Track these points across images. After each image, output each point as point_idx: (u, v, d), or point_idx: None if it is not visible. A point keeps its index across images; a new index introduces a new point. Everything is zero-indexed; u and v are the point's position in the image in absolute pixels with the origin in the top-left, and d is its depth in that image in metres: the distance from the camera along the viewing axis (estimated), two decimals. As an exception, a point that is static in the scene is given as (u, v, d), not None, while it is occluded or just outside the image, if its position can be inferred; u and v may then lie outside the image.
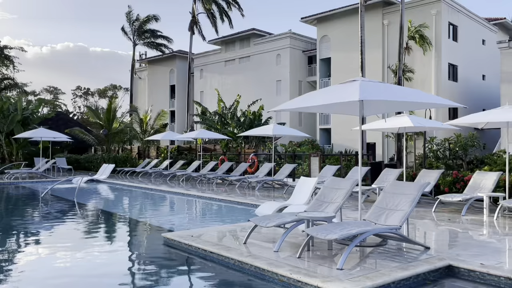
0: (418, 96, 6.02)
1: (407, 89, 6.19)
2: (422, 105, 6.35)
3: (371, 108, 7.15)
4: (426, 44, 26.46)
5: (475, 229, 7.64)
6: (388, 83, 6.20)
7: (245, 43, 40.33)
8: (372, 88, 5.54)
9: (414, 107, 6.65)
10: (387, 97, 5.48)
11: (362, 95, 5.09)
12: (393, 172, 12.19)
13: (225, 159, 20.09)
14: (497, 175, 10.04)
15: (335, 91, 5.82)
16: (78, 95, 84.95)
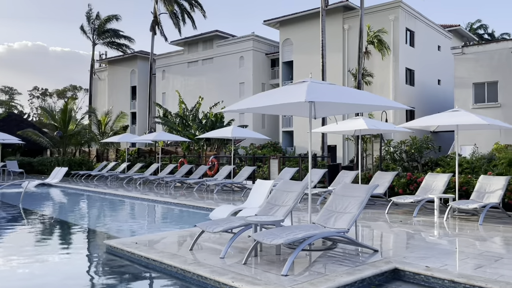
0: (366, 98, 5.99)
1: (356, 91, 6.15)
2: (371, 107, 6.33)
3: (323, 110, 7.08)
4: (385, 48, 27.07)
5: (425, 230, 7.73)
6: (338, 85, 6.14)
7: (208, 45, 39.98)
8: (320, 90, 5.45)
9: (364, 109, 6.63)
10: (334, 99, 5.40)
11: (309, 96, 4.98)
12: (349, 174, 12.26)
13: (184, 161, 19.70)
14: (447, 177, 10.27)
15: (284, 92, 5.69)
16: (35, 96, 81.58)
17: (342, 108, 6.86)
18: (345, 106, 6.72)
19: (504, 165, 14.67)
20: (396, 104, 6.04)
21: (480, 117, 9.02)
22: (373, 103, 5.80)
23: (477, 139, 23.02)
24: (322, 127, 11.90)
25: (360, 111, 6.69)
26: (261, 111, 6.79)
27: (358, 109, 6.73)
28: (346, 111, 6.94)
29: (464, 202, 8.80)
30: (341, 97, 5.65)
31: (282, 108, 6.76)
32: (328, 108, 7.01)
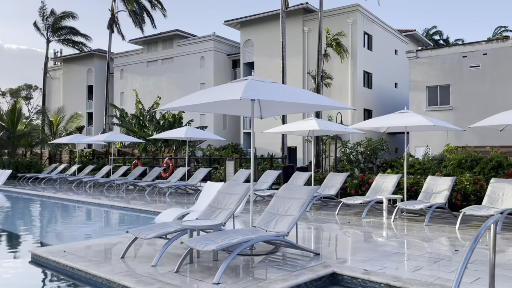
0: (308, 98, 5.82)
1: (298, 91, 5.98)
2: (315, 106, 6.18)
3: (268, 110, 6.88)
4: (343, 51, 27.46)
5: (372, 232, 7.68)
6: (280, 84, 5.94)
7: (168, 44, 39.22)
8: (259, 88, 5.23)
9: (308, 109, 6.49)
10: (272, 97, 5.20)
11: (245, 93, 4.74)
12: (302, 176, 12.17)
13: (138, 163, 19.08)
14: (397, 178, 10.35)
15: (223, 90, 5.43)
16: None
17: (288, 108, 6.69)
18: (290, 105, 6.55)
19: (453, 166, 15.07)
20: (338, 104, 5.92)
21: (427, 118, 9.12)
22: (315, 103, 5.64)
23: (430, 140, 23.68)
24: (274, 128, 11.76)
25: (305, 110, 6.53)
26: (203, 109, 6.50)
27: (303, 109, 6.58)
28: (292, 111, 6.77)
29: (411, 203, 8.86)
30: (281, 95, 5.45)
31: (226, 107, 6.51)
32: (274, 108, 6.82)
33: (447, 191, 9.26)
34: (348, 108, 5.86)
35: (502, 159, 13.16)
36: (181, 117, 27.20)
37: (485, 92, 22.91)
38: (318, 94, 6.09)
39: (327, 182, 11.46)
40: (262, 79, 5.77)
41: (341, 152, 21.07)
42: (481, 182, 10.26)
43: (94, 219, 11.06)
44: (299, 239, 6.69)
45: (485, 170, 13.98)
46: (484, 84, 23.08)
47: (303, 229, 7.86)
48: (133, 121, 26.28)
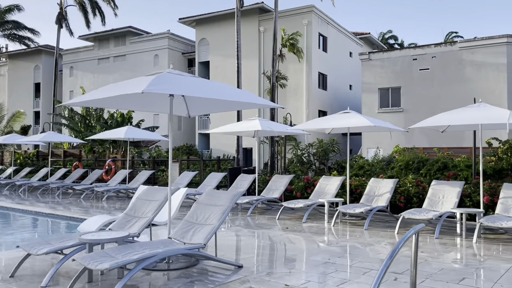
0: (228, 94, 5.30)
1: (223, 87, 5.45)
2: (241, 104, 5.67)
3: (196, 108, 6.32)
4: (298, 52, 27.31)
5: (308, 238, 7.27)
6: (202, 78, 5.39)
7: (121, 41, 37.80)
8: (172, 82, 4.66)
9: (237, 107, 5.98)
10: (186, 92, 4.63)
11: (150, 87, 4.16)
12: (247, 178, 11.69)
13: (79, 165, 17.96)
14: (340, 180, 10.06)
15: (132, 84, 4.81)
16: None
17: (216, 105, 6.15)
18: (217, 103, 6.02)
19: (400, 167, 15.06)
20: (265, 102, 5.44)
21: (367, 118, 8.85)
22: (238, 100, 5.13)
23: (382, 142, 23.93)
24: (218, 128, 11.20)
25: (233, 109, 6.02)
26: (119, 105, 5.84)
27: (231, 107, 6.07)
28: (221, 109, 6.24)
29: (352, 207, 8.56)
30: (197, 90, 4.90)
31: (142, 103, 5.88)
32: (201, 105, 6.26)
33: (389, 193, 9.05)
34: (276, 106, 5.41)
35: (447, 160, 13.23)
36: (131, 117, 26.14)
37: (434, 95, 23.39)
38: (245, 91, 5.59)
39: (272, 185, 11.03)
40: (181, 73, 5.20)
41: (292, 153, 20.82)
42: (424, 184, 10.14)
43: (9, 228, 10.02)
44: (227, 248, 6.17)
45: (431, 171, 14.04)
46: (433, 87, 23.57)
47: (235, 236, 7.35)
48: (79, 120, 24.96)
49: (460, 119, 7.62)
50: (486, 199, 8.88)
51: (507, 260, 5.70)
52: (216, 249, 5.22)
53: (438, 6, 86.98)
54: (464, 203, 9.28)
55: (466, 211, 7.41)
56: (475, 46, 22.50)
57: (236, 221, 9.01)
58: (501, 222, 6.77)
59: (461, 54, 22.89)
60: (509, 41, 21.75)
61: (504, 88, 21.80)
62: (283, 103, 29.41)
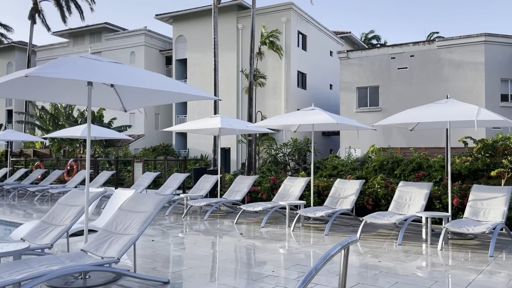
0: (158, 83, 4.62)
1: (149, 75, 4.77)
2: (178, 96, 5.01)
3: (131, 101, 5.63)
4: (278, 49, 26.73)
5: (261, 245, 6.64)
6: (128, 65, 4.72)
7: (96, 38, 36.73)
8: (77, 66, 3.97)
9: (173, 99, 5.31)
10: (94, 78, 3.95)
11: (37, 71, 3.46)
12: (210, 179, 11.02)
13: (41, 165, 17.04)
14: (305, 181, 9.46)
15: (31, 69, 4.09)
16: None
17: (152, 97, 5.47)
18: (154, 95, 5.35)
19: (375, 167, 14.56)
20: (203, 93, 4.79)
21: (331, 115, 8.26)
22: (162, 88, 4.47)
23: (361, 142, 23.49)
24: (178, 126, 10.49)
25: (171, 101, 5.35)
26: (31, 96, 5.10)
27: (168, 99, 5.39)
28: (158, 101, 5.56)
29: (313, 210, 7.95)
30: (116, 78, 4.22)
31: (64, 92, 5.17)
32: (136, 98, 5.58)
33: (355, 195, 8.48)
34: (213, 99, 4.77)
35: (422, 160, 12.76)
36: (102, 115, 25.25)
37: (412, 94, 23.04)
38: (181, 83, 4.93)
39: (235, 186, 10.37)
40: (99, 58, 4.52)
41: (266, 153, 20.25)
42: (393, 185, 9.61)
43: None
44: (165, 259, 5.50)
45: (405, 172, 13.58)
46: (411, 86, 23.22)
47: (180, 243, 6.68)
48: (48, 119, 23.98)
49: (427, 116, 7.08)
50: (456, 201, 8.38)
51: (473, 270, 5.15)
52: (134, 261, 4.53)
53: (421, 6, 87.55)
54: (434, 206, 8.78)
55: (431, 215, 6.87)
56: (453, 45, 22.21)
57: (194, 226, 8.34)
58: (468, 227, 6.23)
59: (439, 53, 22.59)
60: (487, 40, 21.51)
61: (482, 87, 21.56)
62: (262, 102, 28.81)
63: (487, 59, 21.50)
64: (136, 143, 33.15)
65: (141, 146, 32.70)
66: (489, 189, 7.33)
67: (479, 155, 11.61)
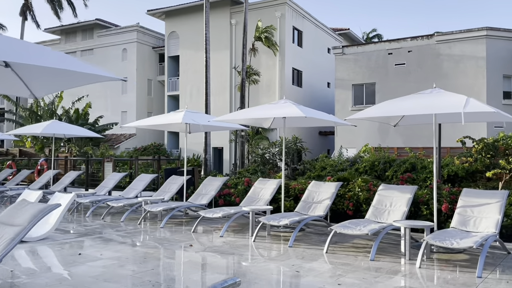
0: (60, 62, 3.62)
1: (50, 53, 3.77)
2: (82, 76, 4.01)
3: (37, 84, 4.64)
4: (273, 45, 25.72)
5: (208, 259, 5.62)
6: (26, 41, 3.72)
7: (88, 34, 35.86)
8: None
9: (79, 81, 4.31)
10: None
11: None
12: (177, 181, 10.01)
13: (12, 165, 16.11)
14: (276, 184, 8.43)
15: None
16: None
17: (61, 79, 4.48)
18: (62, 76, 4.36)
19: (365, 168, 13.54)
20: (106, 73, 3.79)
21: (300, 108, 7.21)
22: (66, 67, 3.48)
23: (356, 141, 22.44)
24: (139, 121, 9.48)
25: (80, 83, 4.34)
26: None
27: (76, 81, 4.40)
28: (67, 85, 4.57)
29: (278, 217, 6.91)
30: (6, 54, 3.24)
31: None
32: (44, 81, 4.58)
33: (329, 200, 7.44)
34: (119, 79, 3.78)
35: (416, 161, 11.70)
36: (87, 113, 24.36)
37: (410, 91, 21.66)
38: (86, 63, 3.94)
39: (202, 189, 9.36)
40: (23, 41, 3.55)
41: (253, 152, 19.24)
42: (375, 188, 8.55)
43: None
44: (87, 276, 4.49)
45: (398, 173, 12.53)
46: (409, 83, 22.09)
47: (110, 259, 5.66)
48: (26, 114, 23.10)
49: (408, 108, 6.05)
50: (445, 207, 7.32)
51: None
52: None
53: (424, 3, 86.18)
54: (420, 212, 7.72)
55: (411, 224, 5.81)
56: (453, 39, 21.08)
57: (143, 235, 7.33)
58: (452, 240, 5.17)
59: (439, 48, 21.46)
60: (489, 34, 20.36)
61: (484, 84, 20.41)
62: (256, 100, 27.76)
63: (488, 55, 20.35)
64: (127, 142, 32.25)
65: (132, 146, 31.78)
66: (481, 194, 6.28)
67: (479, 155, 10.53)
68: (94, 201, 9.51)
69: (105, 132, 26.47)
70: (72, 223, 8.47)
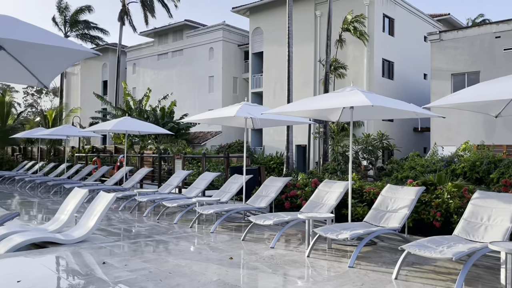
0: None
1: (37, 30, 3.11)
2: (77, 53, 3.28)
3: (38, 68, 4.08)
4: (362, 35, 23.93)
5: (247, 278, 4.65)
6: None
7: (178, 35, 37.08)
8: None
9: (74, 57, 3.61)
10: None
11: None
12: (238, 180, 9.19)
13: (97, 161, 16.76)
14: (344, 187, 7.14)
15: None
16: (29, 93, 79.20)
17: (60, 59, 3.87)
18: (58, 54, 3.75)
19: (464, 169, 11.65)
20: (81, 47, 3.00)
21: (371, 96, 5.87)
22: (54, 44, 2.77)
23: (456, 138, 19.83)
24: (196, 115, 8.82)
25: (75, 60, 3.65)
26: None
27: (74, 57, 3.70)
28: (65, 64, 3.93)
29: (339, 228, 5.67)
30: None
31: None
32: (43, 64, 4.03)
33: (407, 209, 6.01)
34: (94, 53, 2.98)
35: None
36: (172, 111, 24.89)
37: (524, 80, 18.63)
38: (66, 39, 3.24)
39: (262, 190, 8.42)
40: None
41: (332, 150, 17.82)
42: (470, 195, 6.84)
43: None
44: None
45: (505, 175, 10.43)
46: (522, 70, 18.81)
47: (134, 271, 4.95)
48: (117, 113, 24.27)
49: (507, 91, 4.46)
50: None
51: None
52: None
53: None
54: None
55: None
56: None
57: (188, 241, 6.60)
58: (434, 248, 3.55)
59: (562, 26, 17.91)
60: None
61: None
62: (341, 95, 26.11)
63: None
64: (213, 140, 32.64)
65: (218, 143, 32.09)
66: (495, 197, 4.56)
67: None
68: (152, 200, 9.10)
69: (189, 130, 26.93)
70: (124, 224, 8.10)
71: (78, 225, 6.59)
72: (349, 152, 17.08)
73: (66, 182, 12.91)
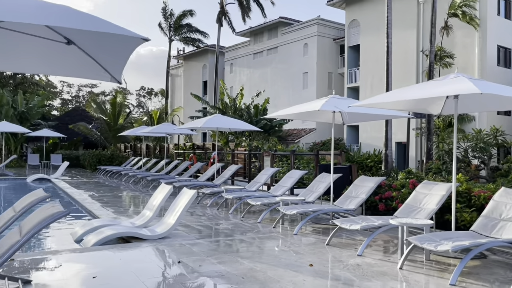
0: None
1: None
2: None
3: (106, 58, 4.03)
4: (472, 20, 21.55)
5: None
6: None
7: (273, 33, 37.19)
8: None
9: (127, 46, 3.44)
10: None
11: None
12: (327, 179, 8.63)
13: (193, 158, 17.33)
14: (447, 189, 6.18)
15: None
16: (141, 95, 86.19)
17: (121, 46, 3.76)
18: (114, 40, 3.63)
19: None
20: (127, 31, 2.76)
21: (480, 83, 4.92)
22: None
23: None
24: (280, 111, 8.42)
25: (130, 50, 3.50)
26: None
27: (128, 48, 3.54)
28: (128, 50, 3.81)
29: (438, 237, 4.83)
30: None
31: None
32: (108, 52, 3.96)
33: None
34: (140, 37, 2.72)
35: None
36: (265, 108, 24.92)
37: None
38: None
39: (352, 191, 7.76)
40: None
41: (436, 147, 16.15)
42: None
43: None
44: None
45: None
46: None
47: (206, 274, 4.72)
48: (214, 111, 25.01)
49: None
50: None
51: None
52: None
53: None
54: None
55: None
56: None
57: (269, 243, 6.26)
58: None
59: None
60: None
61: None
62: (448, 87, 23.78)
63: None
64: (307, 137, 32.13)
65: (312, 140, 31.49)
66: None
67: None
68: (238, 197, 8.97)
69: (282, 127, 26.77)
70: (209, 220, 8.05)
71: (161, 221, 6.65)
72: (451, 150, 15.36)
73: (163, 177, 13.48)
